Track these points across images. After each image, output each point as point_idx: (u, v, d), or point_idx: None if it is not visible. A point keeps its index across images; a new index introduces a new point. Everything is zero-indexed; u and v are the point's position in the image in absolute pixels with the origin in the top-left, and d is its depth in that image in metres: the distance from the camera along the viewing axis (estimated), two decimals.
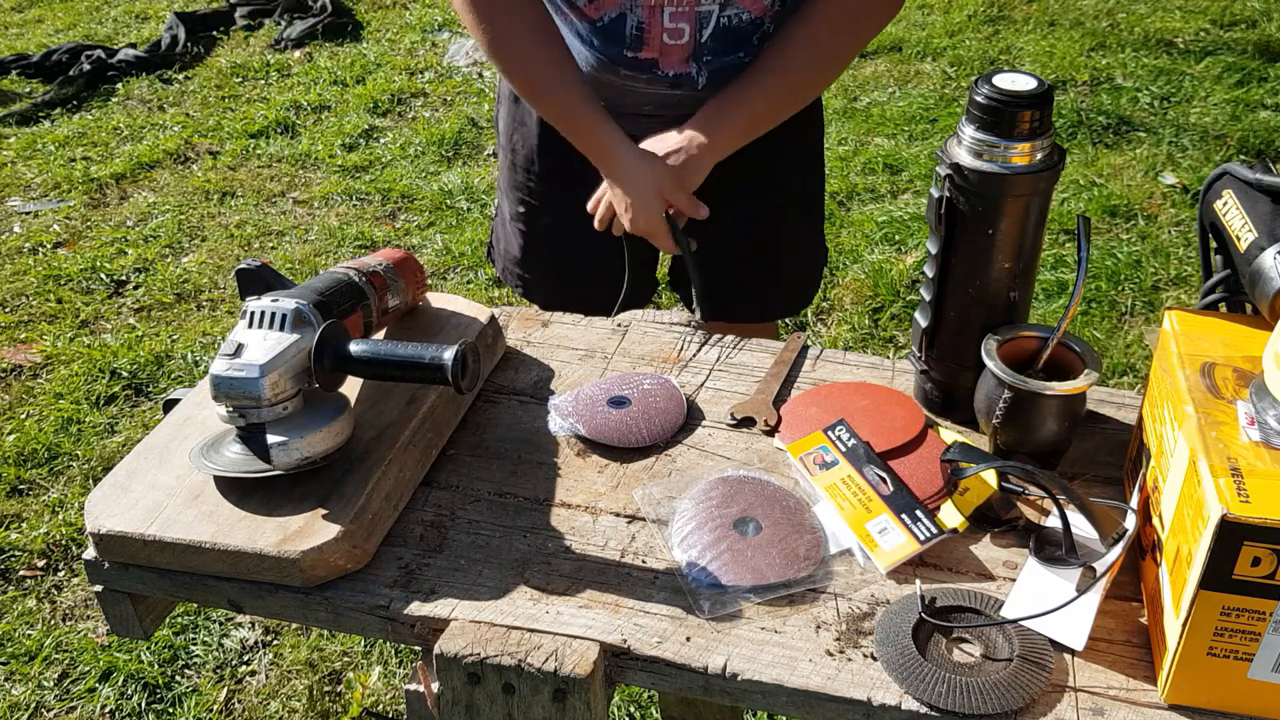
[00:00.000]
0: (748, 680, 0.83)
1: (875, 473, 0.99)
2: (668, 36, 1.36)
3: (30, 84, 4.49)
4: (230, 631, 2.02)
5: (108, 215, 3.50)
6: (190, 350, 2.80)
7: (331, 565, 0.91)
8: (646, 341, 1.23)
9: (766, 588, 0.90)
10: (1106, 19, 4.44)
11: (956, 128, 0.99)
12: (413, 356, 0.94)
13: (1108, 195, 3.21)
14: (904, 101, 3.86)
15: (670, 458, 1.06)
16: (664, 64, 1.39)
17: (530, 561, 0.94)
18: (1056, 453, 1.01)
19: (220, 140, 3.95)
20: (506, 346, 1.23)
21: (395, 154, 3.75)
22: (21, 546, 2.20)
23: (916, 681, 0.81)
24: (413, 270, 1.16)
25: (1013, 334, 1.02)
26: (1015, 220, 0.98)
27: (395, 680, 1.91)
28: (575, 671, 0.83)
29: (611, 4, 1.36)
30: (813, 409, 1.10)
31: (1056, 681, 0.82)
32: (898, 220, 3.15)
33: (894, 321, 2.76)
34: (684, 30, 1.36)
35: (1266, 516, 0.71)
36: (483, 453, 1.08)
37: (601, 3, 1.37)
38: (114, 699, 1.89)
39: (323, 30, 4.81)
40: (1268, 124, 3.54)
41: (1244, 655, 0.76)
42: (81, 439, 2.50)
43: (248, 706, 1.88)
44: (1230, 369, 0.86)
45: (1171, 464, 0.83)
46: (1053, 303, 2.77)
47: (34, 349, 2.84)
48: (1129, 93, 3.81)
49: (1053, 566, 0.89)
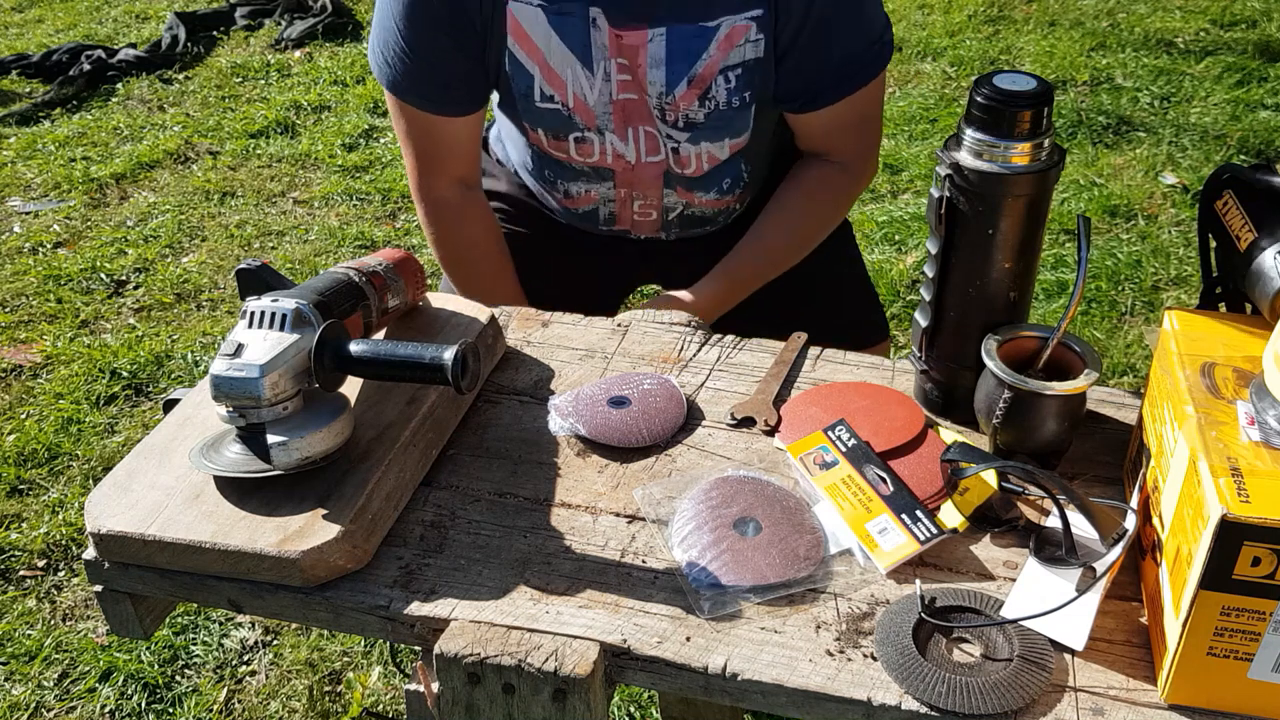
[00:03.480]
0: (748, 680, 0.83)
1: (875, 473, 0.99)
2: (638, 216, 1.55)
3: (30, 84, 4.49)
4: (230, 631, 2.02)
5: (108, 215, 3.50)
6: (190, 350, 2.80)
7: (331, 565, 0.92)
8: (646, 341, 1.23)
9: (766, 588, 0.90)
10: (1106, 19, 4.44)
11: (956, 128, 0.99)
12: (413, 356, 0.94)
13: (1108, 195, 3.21)
14: (904, 101, 3.86)
15: (670, 458, 1.06)
16: (635, 232, 1.61)
17: (530, 561, 0.94)
18: (1056, 453, 1.01)
19: (220, 140, 3.95)
20: (506, 346, 1.23)
21: (395, 154, 3.75)
22: (21, 546, 2.20)
23: (916, 681, 0.81)
24: (413, 270, 1.17)
25: (1013, 334, 1.02)
26: (1015, 220, 0.98)
27: (395, 680, 1.91)
28: (575, 671, 0.83)
29: (586, 201, 1.57)
30: (813, 409, 1.10)
31: (1056, 681, 0.82)
32: (898, 220, 3.15)
33: (894, 321, 2.76)
34: (652, 213, 1.57)
35: (1266, 516, 0.71)
36: (483, 453, 1.08)
37: (576, 200, 1.57)
38: (114, 699, 1.89)
39: (323, 30, 4.81)
40: (1268, 124, 3.54)
41: (1244, 655, 0.76)
42: (81, 439, 2.50)
43: (248, 706, 1.88)
44: (1230, 369, 0.86)
45: (1171, 464, 0.83)
46: (1053, 303, 2.78)
47: (34, 349, 2.84)
48: (1129, 93, 3.81)
49: (1053, 566, 0.89)
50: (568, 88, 1.41)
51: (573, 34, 1.37)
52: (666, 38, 1.35)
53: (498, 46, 1.40)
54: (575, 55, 1.38)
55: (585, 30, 1.36)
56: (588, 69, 1.39)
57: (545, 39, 1.38)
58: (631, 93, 1.41)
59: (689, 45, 1.36)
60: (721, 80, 1.39)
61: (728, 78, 1.38)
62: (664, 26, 1.34)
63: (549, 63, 1.40)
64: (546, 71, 1.41)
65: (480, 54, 1.42)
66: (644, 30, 1.35)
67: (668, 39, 1.35)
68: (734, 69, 1.38)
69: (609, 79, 1.40)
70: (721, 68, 1.37)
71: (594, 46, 1.37)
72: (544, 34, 1.38)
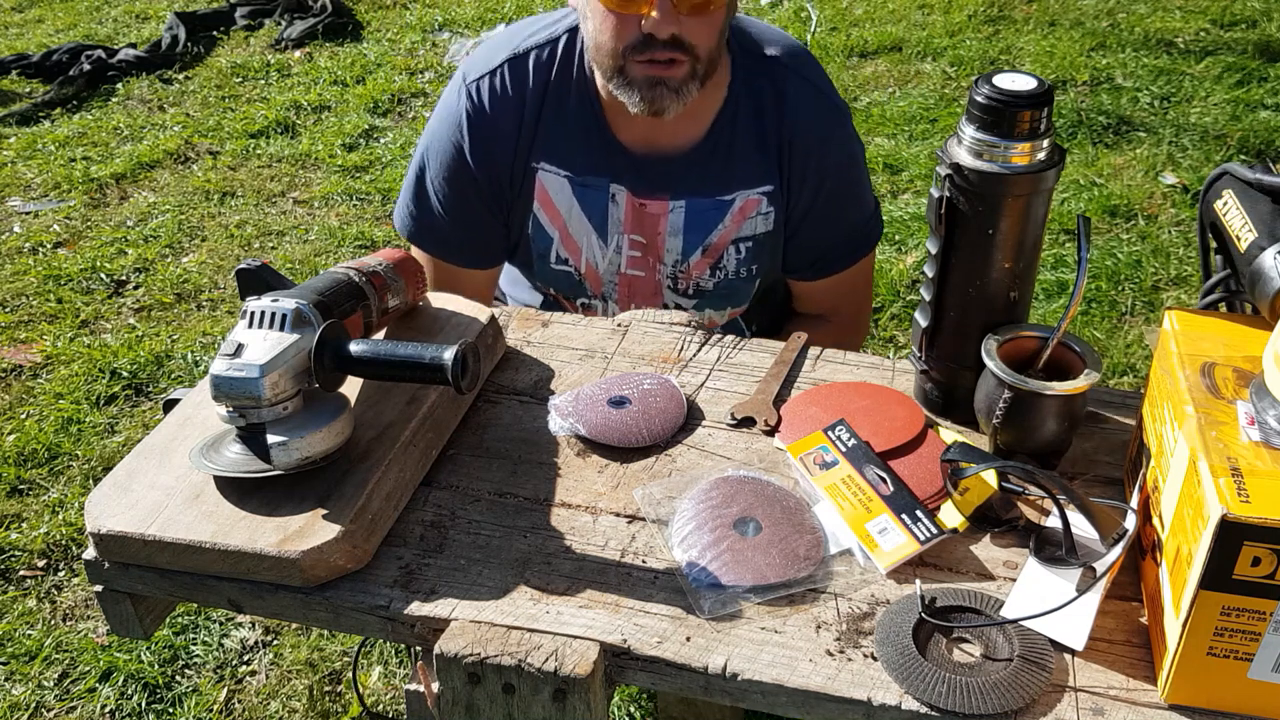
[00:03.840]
0: (748, 680, 0.83)
1: (875, 473, 0.99)
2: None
3: (30, 84, 4.49)
4: (230, 631, 2.02)
5: (108, 215, 3.50)
6: (190, 350, 2.80)
7: (331, 565, 0.91)
8: (646, 341, 1.23)
9: (766, 588, 0.90)
10: (1106, 19, 4.44)
11: (956, 128, 0.99)
12: (413, 356, 0.94)
13: (1108, 195, 3.21)
14: (904, 101, 3.86)
15: (670, 458, 1.06)
16: None
17: (530, 561, 0.94)
18: (1056, 453, 1.01)
19: (220, 140, 3.95)
20: (506, 346, 1.23)
21: (395, 154, 3.75)
22: (21, 546, 2.20)
23: (916, 681, 0.81)
24: (413, 270, 1.16)
25: (1013, 334, 1.02)
26: (1015, 220, 0.98)
27: (395, 680, 1.91)
28: (575, 671, 0.83)
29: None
30: (813, 409, 1.10)
31: (1056, 681, 0.82)
32: (898, 220, 3.15)
33: (894, 321, 2.76)
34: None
35: (1266, 516, 0.71)
36: (483, 453, 1.08)
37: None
38: (114, 699, 1.89)
39: (323, 30, 4.80)
40: (1268, 124, 3.54)
41: (1244, 655, 0.76)
42: (81, 439, 2.50)
43: (248, 706, 1.88)
44: (1230, 369, 0.86)
45: (1171, 464, 0.83)
46: (1053, 303, 2.77)
47: (34, 349, 2.84)
48: (1129, 93, 3.81)
49: (1053, 566, 0.89)
50: (582, 254, 1.53)
51: (593, 206, 1.49)
52: (686, 209, 1.48)
53: (524, 209, 1.52)
54: (593, 225, 1.50)
55: (605, 203, 1.49)
56: (602, 239, 1.52)
57: (568, 207, 1.49)
58: (640, 269, 1.53)
59: (705, 217, 1.48)
60: (733, 250, 1.50)
61: (739, 249, 1.51)
62: (684, 200, 1.48)
63: (568, 229, 1.51)
64: (565, 237, 1.52)
65: (506, 215, 1.53)
66: (665, 201, 1.48)
67: (687, 210, 1.48)
68: (745, 241, 1.50)
69: (620, 252, 1.52)
70: (734, 239, 1.50)
71: (610, 220, 1.50)
72: (567, 202, 1.49)
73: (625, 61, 1.33)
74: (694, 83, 1.35)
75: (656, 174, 1.46)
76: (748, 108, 1.45)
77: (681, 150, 1.45)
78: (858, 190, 1.55)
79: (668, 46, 1.31)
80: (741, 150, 1.46)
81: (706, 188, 1.47)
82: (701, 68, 1.35)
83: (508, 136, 1.46)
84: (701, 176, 1.46)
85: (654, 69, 1.32)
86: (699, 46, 1.32)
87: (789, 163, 1.46)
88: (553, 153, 1.47)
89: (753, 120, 1.45)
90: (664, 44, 1.30)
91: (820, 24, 4.57)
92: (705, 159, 1.46)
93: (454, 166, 1.49)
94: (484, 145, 1.47)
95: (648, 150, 1.45)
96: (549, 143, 1.46)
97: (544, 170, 1.48)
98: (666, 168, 1.46)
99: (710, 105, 1.44)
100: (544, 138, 1.46)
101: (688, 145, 1.45)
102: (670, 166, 1.46)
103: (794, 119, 1.45)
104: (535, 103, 1.45)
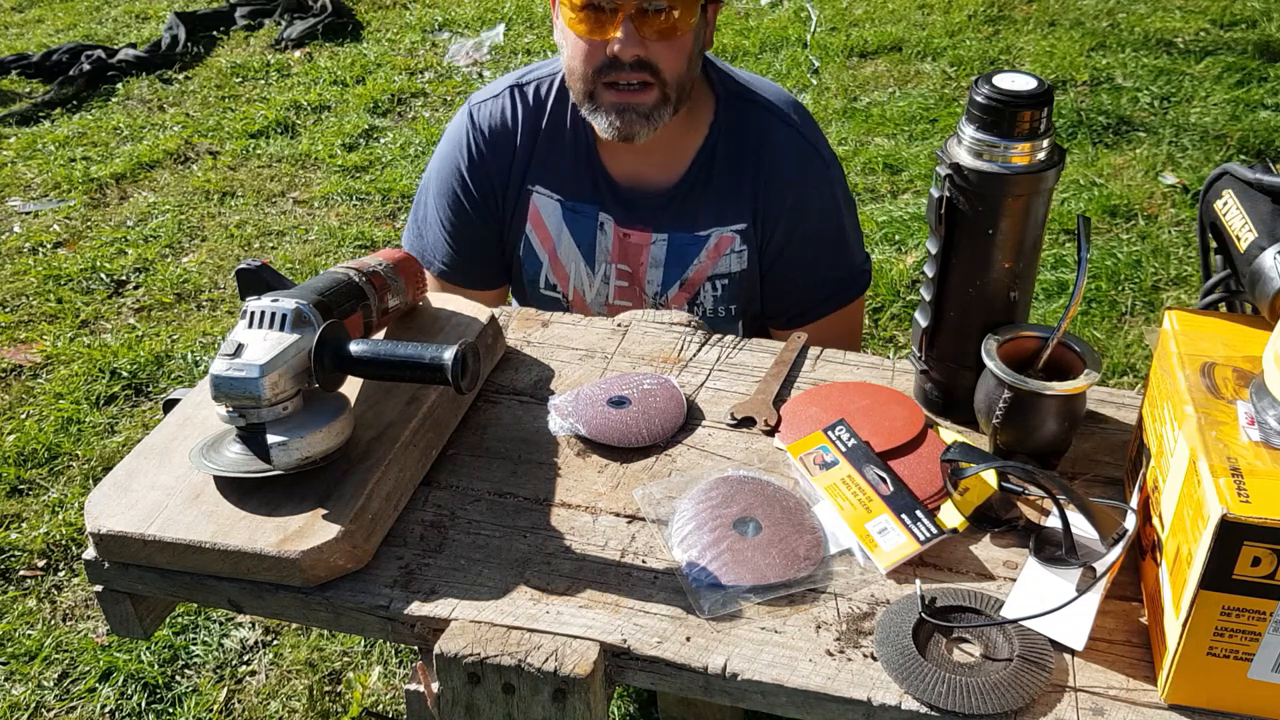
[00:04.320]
0: (748, 680, 0.83)
1: (875, 473, 0.99)
2: None
3: (30, 84, 4.49)
4: (230, 631, 2.02)
5: (108, 215, 3.50)
6: (190, 350, 2.80)
7: (331, 565, 0.91)
8: (646, 341, 1.23)
9: (766, 588, 0.90)
10: (1106, 19, 4.44)
11: (956, 128, 0.99)
12: (413, 356, 0.94)
13: (1108, 195, 3.21)
14: (904, 101, 3.86)
15: (670, 458, 1.06)
16: None
17: (530, 561, 0.94)
18: (1056, 453, 1.01)
19: (220, 140, 3.95)
20: (506, 346, 1.23)
21: (395, 154, 3.75)
22: (21, 546, 2.20)
23: (916, 681, 0.81)
24: (413, 270, 1.16)
25: (1013, 334, 1.02)
26: (1015, 220, 0.98)
27: (395, 680, 1.91)
28: (575, 671, 0.83)
29: None
30: (813, 409, 1.10)
31: (1056, 681, 0.82)
32: (898, 220, 3.15)
33: (894, 321, 2.76)
34: None
35: (1266, 516, 0.71)
36: (483, 453, 1.08)
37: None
38: (114, 699, 1.89)
39: (323, 30, 4.80)
40: (1268, 124, 3.54)
41: (1244, 655, 0.76)
42: (81, 439, 2.50)
43: (248, 706, 1.88)
44: (1230, 369, 0.86)
45: (1171, 464, 0.83)
46: (1053, 303, 2.77)
47: (34, 349, 2.84)
48: (1129, 93, 3.81)
49: (1053, 566, 0.89)
50: (569, 281, 1.57)
51: (582, 232, 1.53)
52: (668, 243, 1.52)
53: (517, 230, 1.56)
54: (581, 253, 1.54)
55: (594, 231, 1.53)
56: (590, 267, 1.55)
57: (558, 231, 1.53)
58: (627, 300, 1.56)
59: (684, 251, 1.52)
60: (709, 287, 1.53)
61: (715, 285, 1.54)
62: (666, 233, 1.51)
63: (557, 253, 1.55)
64: (554, 262, 1.55)
65: (501, 232, 1.57)
66: (649, 233, 1.52)
67: (668, 244, 1.52)
68: (721, 278, 1.53)
69: (608, 282, 1.56)
70: (709, 275, 1.53)
71: (599, 248, 1.54)
72: (557, 226, 1.54)
73: (595, 86, 1.38)
74: (665, 109, 1.39)
75: (640, 207, 1.51)
76: (726, 146, 1.49)
77: (664, 186, 1.50)
78: (841, 239, 1.55)
79: (635, 69, 1.35)
80: (717, 188, 1.49)
81: (685, 223, 1.51)
82: (672, 93, 1.38)
83: (505, 156, 1.52)
84: (680, 212, 1.50)
85: (623, 95, 1.37)
86: (665, 71, 1.36)
87: (764, 202, 1.49)
88: (547, 177, 1.52)
89: (731, 159, 1.49)
90: (631, 67, 1.34)
91: (820, 24, 4.57)
92: (684, 195, 1.50)
93: (454, 185, 1.55)
94: (482, 162, 1.53)
95: (633, 184, 1.50)
96: (544, 167, 1.52)
97: (538, 193, 1.53)
98: (650, 201, 1.50)
99: (692, 143, 1.49)
100: (540, 162, 1.52)
101: (670, 181, 1.50)
102: (653, 200, 1.50)
103: (774, 160, 1.48)
104: (533, 127, 1.51)
